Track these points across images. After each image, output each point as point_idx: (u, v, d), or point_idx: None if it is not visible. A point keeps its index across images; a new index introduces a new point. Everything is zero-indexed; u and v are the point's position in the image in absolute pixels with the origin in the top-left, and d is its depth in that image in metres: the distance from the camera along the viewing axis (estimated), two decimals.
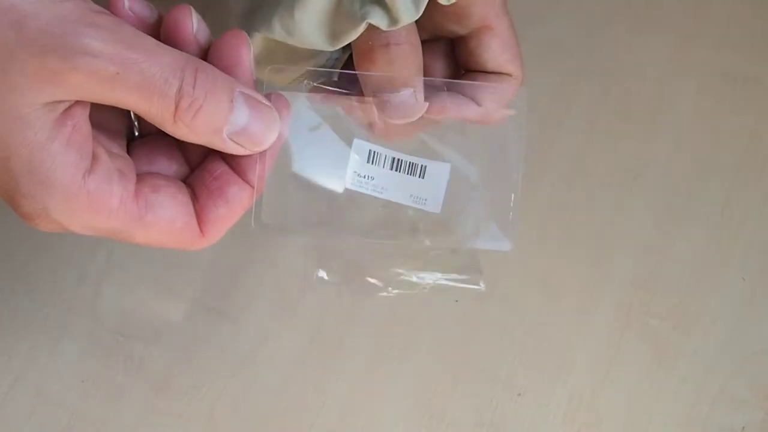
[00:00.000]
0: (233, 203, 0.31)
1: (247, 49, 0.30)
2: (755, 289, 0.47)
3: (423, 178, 0.36)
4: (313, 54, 0.35)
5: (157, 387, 0.45)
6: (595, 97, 0.52)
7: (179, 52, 0.28)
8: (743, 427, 0.44)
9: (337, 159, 0.36)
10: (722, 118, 0.51)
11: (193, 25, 0.30)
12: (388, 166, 0.36)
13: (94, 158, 0.28)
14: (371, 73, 0.33)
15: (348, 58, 0.36)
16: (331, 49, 0.33)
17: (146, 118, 0.28)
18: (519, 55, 0.37)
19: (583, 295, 0.47)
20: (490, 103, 0.36)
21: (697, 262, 0.47)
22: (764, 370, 0.45)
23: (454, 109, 0.35)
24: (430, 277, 0.39)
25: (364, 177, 0.36)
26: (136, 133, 0.32)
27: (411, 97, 0.33)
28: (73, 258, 0.47)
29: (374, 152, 0.35)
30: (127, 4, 0.30)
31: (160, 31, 0.30)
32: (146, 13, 0.30)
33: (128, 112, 0.32)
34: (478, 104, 0.36)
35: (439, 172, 0.36)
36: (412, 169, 0.36)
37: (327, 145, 0.35)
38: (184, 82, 0.27)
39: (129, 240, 0.30)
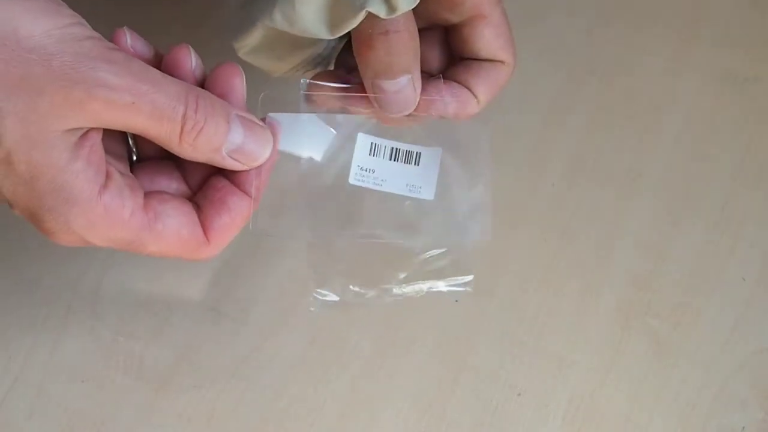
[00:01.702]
0: (234, 212, 0.34)
1: (240, 78, 0.34)
2: (755, 289, 0.47)
3: (418, 165, 0.39)
4: (313, 42, 0.36)
5: (157, 387, 0.45)
6: (596, 96, 0.52)
7: (181, 82, 0.32)
8: (743, 427, 0.44)
9: (338, 156, 0.38)
10: (722, 118, 0.51)
11: (191, 62, 0.34)
12: (387, 156, 0.39)
13: (108, 176, 0.32)
14: (370, 60, 0.35)
15: (346, 43, 0.37)
16: (331, 37, 0.34)
17: (155, 140, 0.32)
18: (512, 43, 0.38)
19: (583, 295, 0.47)
20: (484, 92, 0.38)
21: (697, 262, 0.47)
22: (764, 370, 0.45)
23: (445, 101, 0.37)
24: (419, 287, 0.41)
25: (366, 171, 0.39)
26: (134, 158, 0.35)
27: (409, 84, 0.35)
28: (73, 258, 0.47)
29: (375, 144, 0.39)
30: (129, 42, 0.33)
31: (162, 66, 0.34)
32: (145, 50, 0.34)
33: (127, 138, 0.35)
34: (472, 91, 0.37)
35: (431, 158, 0.39)
36: (408, 156, 0.39)
37: (325, 146, 0.38)
38: (188, 108, 0.31)
39: (142, 250, 0.33)
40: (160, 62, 0.34)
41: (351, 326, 0.46)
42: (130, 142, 0.35)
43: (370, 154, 0.39)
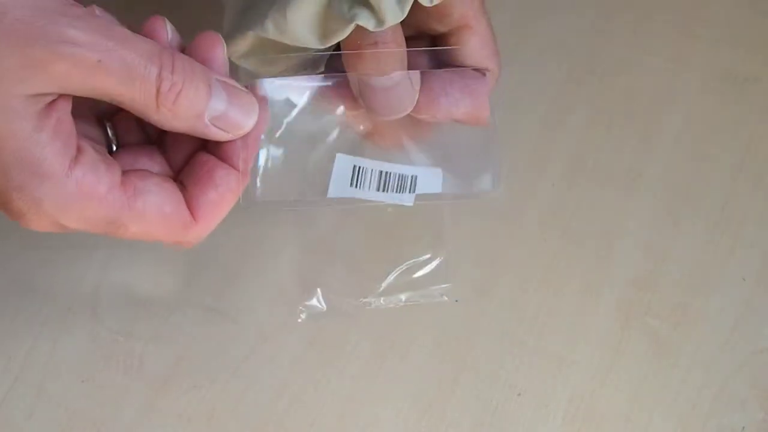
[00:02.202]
0: (221, 187, 0.32)
1: (221, 48, 0.32)
2: (755, 289, 0.47)
3: (412, 192, 0.35)
4: (304, 48, 0.36)
5: (157, 387, 0.45)
6: (596, 96, 0.52)
7: (153, 41, 0.29)
8: (743, 427, 0.44)
9: (324, 134, 0.37)
10: (722, 118, 0.51)
11: (167, 33, 0.31)
12: (375, 186, 0.35)
13: (79, 150, 0.29)
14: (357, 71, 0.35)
15: (336, 47, 0.37)
16: (321, 47, 0.35)
17: (130, 107, 0.29)
18: (497, 53, 0.38)
19: (583, 294, 0.47)
20: (477, 99, 0.37)
21: (697, 262, 0.47)
22: (764, 370, 0.45)
23: (447, 99, 0.36)
24: (396, 298, 0.42)
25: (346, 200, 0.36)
26: (114, 148, 0.33)
27: (404, 81, 0.35)
28: (73, 258, 0.47)
29: (360, 168, 0.35)
30: (97, 11, 0.30)
31: None
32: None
33: (106, 128, 0.33)
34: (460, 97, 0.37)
35: (430, 180, 0.35)
36: (401, 183, 0.35)
37: (311, 122, 0.36)
38: (162, 68, 0.29)
39: (123, 233, 0.31)
40: None
41: (351, 326, 0.46)
42: (110, 132, 0.33)
43: (351, 185, 0.34)
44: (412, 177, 0.35)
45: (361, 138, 0.36)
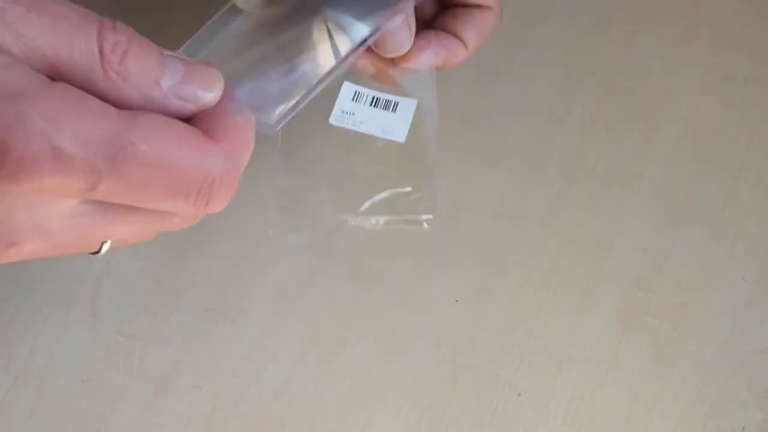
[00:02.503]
0: (229, 118, 0.28)
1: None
2: (755, 289, 0.47)
3: (394, 112, 0.45)
4: None
5: (157, 387, 0.45)
6: (596, 96, 0.52)
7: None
8: (743, 427, 0.44)
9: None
10: (722, 118, 0.51)
11: None
12: (368, 103, 0.45)
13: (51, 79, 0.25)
14: None
15: None
16: None
17: (73, 72, 0.25)
18: None
19: (583, 295, 0.47)
20: (472, 37, 0.41)
21: (697, 262, 0.47)
22: (764, 370, 0.45)
23: (438, 46, 0.41)
24: (375, 220, 0.47)
25: (347, 113, 0.44)
26: None
27: (404, 24, 0.37)
28: (73, 258, 0.47)
29: (359, 92, 0.45)
30: None
31: None
32: None
33: None
34: (460, 37, 0.41)
35: (407, 107, 0.45)
36: (386, 104, 0.45)
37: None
38: (102, 26, 0.25)
39: (132, 157, 0.25)
40: None
41: (351, 326, 0.46)
42: None
43: (352, 100, 0.44)
44: (395, 102, 0.45)
45: (368, 78, 0.43)
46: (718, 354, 0.45)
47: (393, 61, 0.40)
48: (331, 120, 0.45)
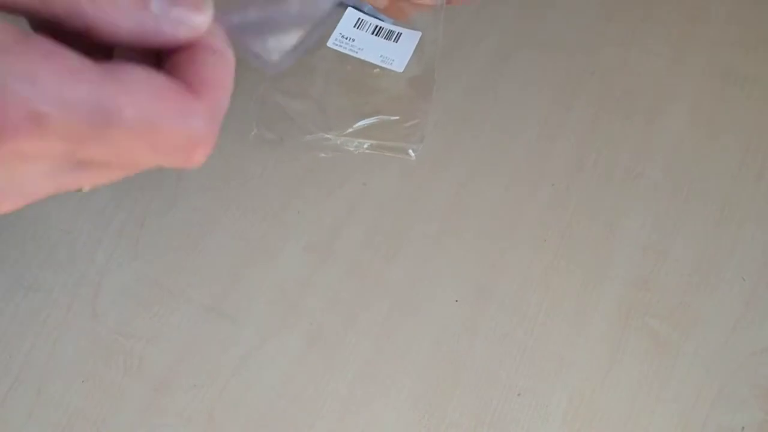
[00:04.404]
0: (210, 61, 0.26)
1: None
2: (755, 289, 0.47)
3: (396, 42, 0.45)
4: None
5: (157, 387, 0.45)
6: (596, 96, 0.52)
7: None
8: (743, 427, 0.44)
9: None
10: (722, 117, 0.51)
11: None
12: (370, 32, 0.44)
13: (27, 34, 0.23)
14: None
15: None
16: None
17: (53, 5, 0.23)
18: None
19: (583, 295, 0.47)
20: None
21: (697, 262, 0.47)
22: (764, 370, 0.45)
23: None
24: (358, 142, 0.47)
25: (347, 38, 0.44)
26: None
27: None
28: (73, 258, 0.47)
29: (362, 19, 0.44)
30: None
31: None
32: None
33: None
34: None
35: (410, 38, 0.45)
36: (389, 34, 0.44)
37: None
38: None
39: (116, 120, 0.24)
40: None
41: (351, 326, 0.46)
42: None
43: (354, 27, 0.44)
44: (398, 33, 0.44)
45: (377, 9, 0.43)
46: (718, 354, 0.45)
47: None
48: (330, 43, 0.44)
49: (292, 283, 0.47)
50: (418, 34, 0.44)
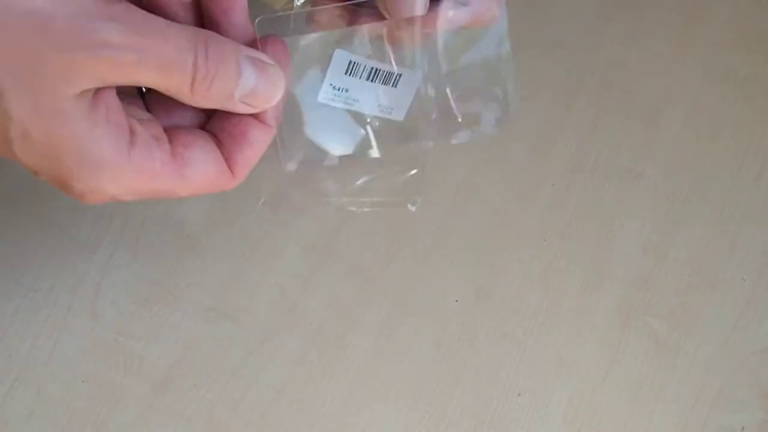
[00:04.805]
0: (256, 144, 0.34)
1: None
2: (755, 289, 0.47)
3: (395, 86, 0.38)
4: None
5: (157, 387, 0.45)
6: (595, 96, 0.52)
7: (188, 28, 0.31)
8: (743, 427, 0.44)
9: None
10: (722, 117, 0.51)
11: None
12: (365, 77, 0.38)
13: (132, 132, 0.31)
14: None
15: None
16: None
17: (165, 92, 0.31)
18: None
19: (583, 295, 0.47)
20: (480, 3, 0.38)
21: (697, 262, 0.47)
22: (764, 370, 0.45)
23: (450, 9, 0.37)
24: (360, 201, 0.44)
25: (338, 90, 0.38)
26: (144, 89, 0.34)
27: None
28: (73, 258, 0.47)
29: (354, 63, 0.37)
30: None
31: None
32: None
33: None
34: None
35: (410, 81, 0.38)
36: (387, 78, 0.38)
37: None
38: (197, 56, 0.30)
39: (173, 196, 0.33)
40: None
41: (351, 326, 0.46)
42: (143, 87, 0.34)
43: (346, 73, 0.37)
44: (397, 75, 0.38)
45: (374, 40, 0.38)
46: (718, 354, 0.45)
47: (409, 22, 0.36)
48: (321, 99, 0.38)
49: (292, 283, 0.47)
50: (418, 75, 0.38)
